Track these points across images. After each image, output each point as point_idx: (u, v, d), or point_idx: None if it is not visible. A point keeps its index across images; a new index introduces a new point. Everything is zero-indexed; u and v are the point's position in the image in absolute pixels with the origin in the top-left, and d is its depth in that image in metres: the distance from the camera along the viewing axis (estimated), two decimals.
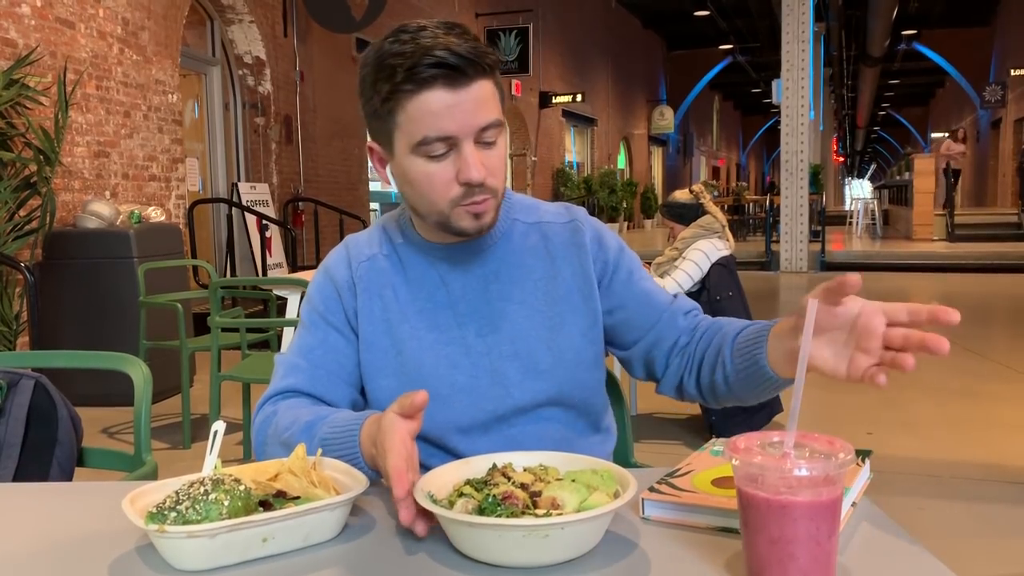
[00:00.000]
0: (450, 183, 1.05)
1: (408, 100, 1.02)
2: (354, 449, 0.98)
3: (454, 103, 1.01)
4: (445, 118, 1.01)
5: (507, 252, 1.16)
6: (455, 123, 1.02)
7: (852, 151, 42.70)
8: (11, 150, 4.45)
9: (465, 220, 1.07)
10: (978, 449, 3.51)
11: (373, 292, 1.15)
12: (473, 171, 1.03)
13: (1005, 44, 20.70)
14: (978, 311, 7.99)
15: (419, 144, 1.03)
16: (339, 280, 1.17)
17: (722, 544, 0.80)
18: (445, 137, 1.02)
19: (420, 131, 1.02)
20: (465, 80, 1.01)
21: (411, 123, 1.03)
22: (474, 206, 1.06)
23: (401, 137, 1.05)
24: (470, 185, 1.04)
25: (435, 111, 1.01)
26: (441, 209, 1.07)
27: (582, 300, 1.16)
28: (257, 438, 1.12)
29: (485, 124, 1.04)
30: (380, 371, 1.14)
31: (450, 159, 1.04)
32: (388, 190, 13.00)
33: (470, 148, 1.03)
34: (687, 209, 3.75)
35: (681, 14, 20.77)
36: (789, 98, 11.00)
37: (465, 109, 1.02)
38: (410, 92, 1.01)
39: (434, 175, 1.05)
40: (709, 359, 1.14)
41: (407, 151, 1.05)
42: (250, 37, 7.80)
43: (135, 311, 4.15)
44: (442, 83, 1.01)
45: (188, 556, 0.77)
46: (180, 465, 3.47)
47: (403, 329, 1.14)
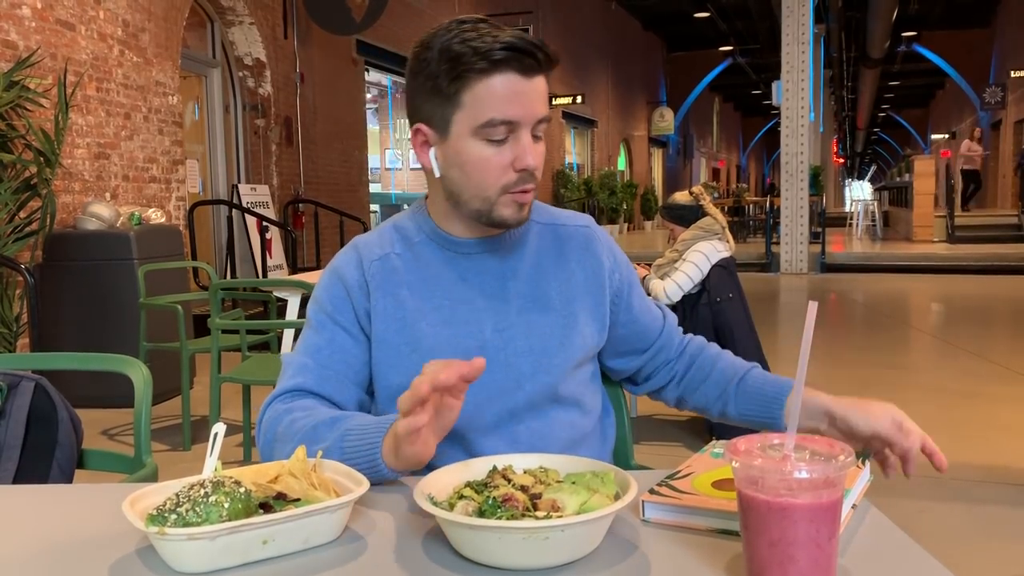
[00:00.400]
0: (505, 169, 1.08)
1: (478, 80, 1.05)
2: (376, 440, 0.97)
3: (522, 90, 1.06)
4: (513, 103, 1.06)
5: (524, 251, 1.19)
6: (521, 109, 1.06)
7: (852, 153, 42.71)
8: (11, 152, 4.45)
9: (509, 209, 1.10)
10: (978, 451, 3.50)
11: (387, 291, 1.16)
12: (530, 158, 1.07)
13: (1005, 45, 20.70)
14: (978, 313, 8.00)
15: (483, 126, 1.06)
16: (350, 281, 1.17)
17: (722, 546, 0.80)
18: (509, 122, 1.06)
19: (486, 112, 1.05)
20: (535, 69, 1.07)
21: (478, 104, 1.06)
22: (521, 195, 1.10)
23: (463, 118, 1.07)
24: (526, 171, 1.08)
25: (504, 94, 1.05)
26: (488, 195, 1.09)
27: (593, 304, 1.20)
28: (265, 436, 1.11)
29: (542, 117, 1.09)
30: (392, 369, 1.14)
31: (508, 145, 1.08)
32: (388, 192, 13.01)
33: (528, 136, 1.08)
34: (687, 211, 3.75)
35: (681, 16, 20.78)
36: (789, 100, 11.01)
37: (531, 98, 1.07)
38: (482, 72, 1.04)
39: (491, 159, 1.08)
40: (704, 385, 1.26)
41: (467, 133, 1.08)
42: (250, 39, 7.81)
43: (135, 313, 4.15)
44: (515, 67, 1.05)
45: (188, 558, 0.77)
46: (180, 467, 3.47)
47: (420, 327, 1.14)
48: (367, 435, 1.00)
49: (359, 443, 0.99)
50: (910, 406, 0.95)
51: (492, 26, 1.07)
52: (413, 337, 1.14)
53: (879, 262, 11.75)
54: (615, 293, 1.23)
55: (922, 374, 5.30)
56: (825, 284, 10.24)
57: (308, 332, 1.19)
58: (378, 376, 1.16)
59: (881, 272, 11.18)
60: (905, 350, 6.21)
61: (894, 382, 4.88)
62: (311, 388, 1.14)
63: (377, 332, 1.15)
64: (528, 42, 1.05)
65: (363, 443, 0.99)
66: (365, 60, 9.92)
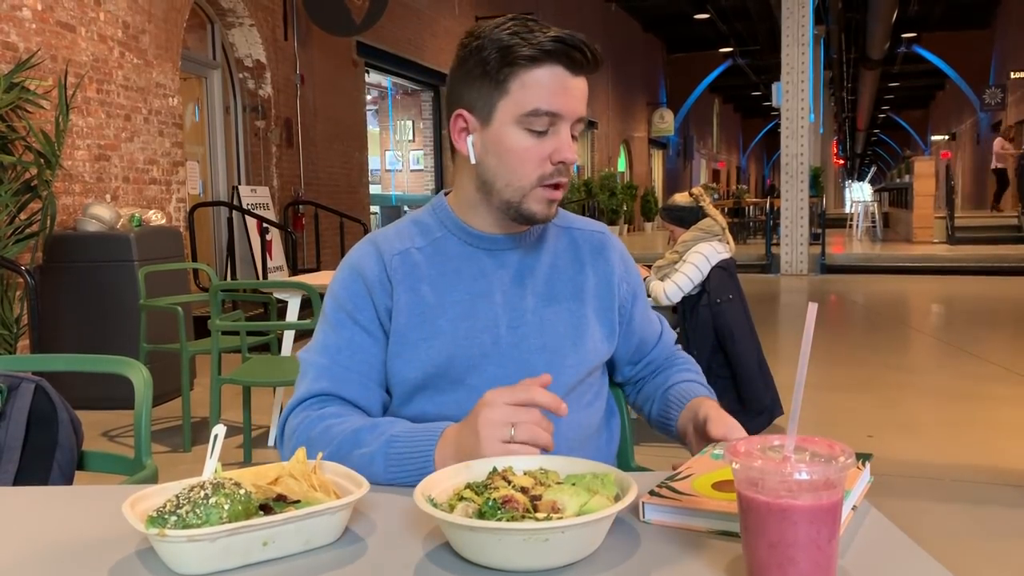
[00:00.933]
0: (543, 161, 1.10)
1: (527, 69, 1.08)
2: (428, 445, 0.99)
3: (570, 85, 1.09)
4: (559, 95, 1.09)
5: (541, 251, 1.21)
6: (566, 103, 1.09)
7: (852, 154, 42.72)
8: (12, 153, 4.45)
9: (539, 204, 1.12)
10: (979, 452, 3.50)
11: (408, 286, 1.15)
12: (568, 152, 1.10)
13: (1005, 47, 20.71)
14: (978, 314, 8.00)
15: (527, 114, 1.09)
16: (370, 277, 1.16)
17: (723, 548, 0.80)
18: (553, 113, 1.09)
19: (532, 102, 1.08)
20: (582, 67, 1.10)
21: (524, 92, 1.08)
22: (553, 191, 1.11)
23: (508, 106, 1.09)
24: (563, 165, 1.10)
25: (550, 86, 1.08)
26: (523, 185, 1.11)
27: (604, 308, 1.22)
28: (294, 441, 1.09)
29: (582, 116, 1.12)
30: (407, 363, 1.14)
31: (548, 138, 1.10)
32: (388, 193, 13.00)
33: (567, 131, 1.11)
34: (687, 212, 3.75)
35: (681, 17, 20.79)
36: (789, 101, 11.01)
37: (575, 94, 1.10)
38: (532, 61, 1.08)
39: (530, 149, 1.10)
40: (650, 389, 1.31)
41: (511, 120, 1.10)
42: (250, 40, 7.81)
43: (135, 314, 4.15)
44: (564, 62, 1.08)
45: (189, 560, 0.77)
46: (180, 468, 3.47)
47: (439, 323, 1.14)
48: (416, 441, 1.00)
49: (407, 448, 1.00)
50: (911, 407, 0.95)
51: (543, 24, 1.11)
52: (430, 332, 1.14)
53: (879, 263, 11.76)
54: (621, 302, 1.25)
55: (922, 375, 5.30)
56: (825, 285, 10.24)
57: (325, 329, 1.17)
58: (392, 371, 1.16)
59: (881, 273, 11.18)
60: (905, 351, 6.21)
61: (894, 383, 4.88)
62: (335, 392, 1.13)
63: (397, 326, 1.15)
64: (578, 39, 1.08)
65: (412, 448, 1.00)
66: (365, 62, 9.92)
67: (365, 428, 1.05)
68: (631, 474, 0.87)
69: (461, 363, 1.13)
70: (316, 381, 1.13)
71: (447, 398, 1.14)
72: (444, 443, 0.99)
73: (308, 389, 1.13)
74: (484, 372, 1.14)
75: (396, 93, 12.96)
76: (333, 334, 1.16)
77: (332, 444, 1.04)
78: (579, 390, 1.18)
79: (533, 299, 1.17)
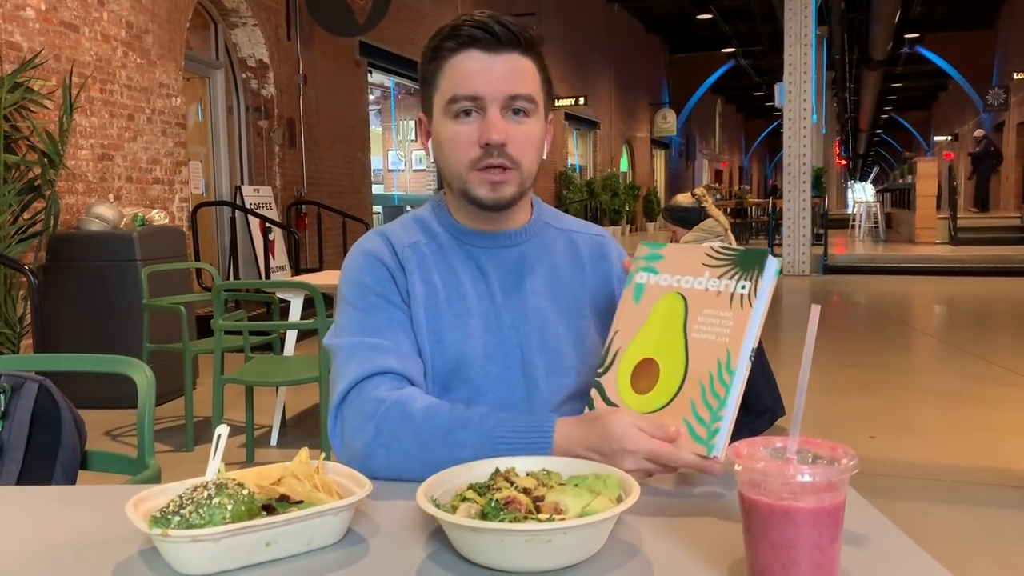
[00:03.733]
0: (471, 144, 1.10)
1: (447, 59, 1.11)
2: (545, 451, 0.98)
3: (487, 66, 1.09)
4: (476, 79, 1.09)
5: (540, 251, 1.21)
6: (484, 84, 1.08)
7: (855, 154, 42.67)
8: (15, 153, 4.46)
9: (482, 188, 1.11)
10: (982, 453, 3.50)
11: (422, 277, 1.15)
12: (493, 132, 1.08)
13: (1008, 47, 20.68)
14: (981, 315, 7.98)
15: (450, 102, 1.10)
16: (389, 263, 1.16)
17: (725, 549, 0.80)
18: (473, 97, 1.09)
19: (452, 89, 1.10)
20: (499, 48, 1.09)
21: (447, 82, 1.11)
22: (490, 173, 1.10)
23: (438, 98, 1.12)
24: (489, 146, 1.08)
25: (468, 71, 1.09)
26: (460, 172, 1.12)
27: (604, 310, 1.21)
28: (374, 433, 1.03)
29: (515, 93, 1.09)
30: (422, 355, 1.14)
31: (476, 123, 1.10)
32: (391, 193, 13.01)
33: (495, 112, 1.09)
34: (689, 213, 3.76)
35: (683, 18, 20.79)
36: (791, 101, 11.00)
37: (496, 74, 1.09)
38: (450, 51, 1.10)
39: (459, 135, 1.10)
40: None
41: (441, 112, 1.12)
42: (253, 40, 7.82)
43: (138, 314, 4.15)
44: (479, 46, 1.09)
45: (192, 560, 0.77)
46: (183, 468, 3.48)
47: (446, 317, 1.14)
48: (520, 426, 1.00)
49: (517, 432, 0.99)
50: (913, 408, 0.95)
51: (484, 13, 1.11)
52: (440, 326, 1.14)
53: (881, 264, 11.75)
54: None
55: (924, 376, 5.29)
56: (827, 286, 10.23)
57: (357, 316, 1.13)
58: None
59: (883, 274, 11.17)
60: (907, 352, 6.21)
61: (896, 384, 4.87)
62: (396, 369, 1.08)
63: (415, 317, 1.14)
64: (495, 20, 1.08)
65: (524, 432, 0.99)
66: (368, 62, 9.92)
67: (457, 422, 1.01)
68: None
69: (467, 360, 1.14)
70: (371, 359, 1.08)
71: (456, 396, 1.13)
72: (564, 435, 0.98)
73: (364, 368, 1.07)
74: (488, 372, 1.14)
75: (399, 93, 12.96)
76: (369, 317, 1.12)
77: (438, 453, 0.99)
78: (580, 391, 1.18)
79: (534, 299, 1.17)
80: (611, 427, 0.95)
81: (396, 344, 1.10)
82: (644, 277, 1.04)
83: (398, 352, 1.10)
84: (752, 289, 0.96)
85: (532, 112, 1.11)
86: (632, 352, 1.01)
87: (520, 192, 1.14)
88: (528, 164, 1.12)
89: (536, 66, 1.13)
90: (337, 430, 1.08)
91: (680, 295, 1.00)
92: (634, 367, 1.01)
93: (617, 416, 0.96)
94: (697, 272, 1.00)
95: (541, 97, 1.13)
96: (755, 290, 0.95)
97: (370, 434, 1.03)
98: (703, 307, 0.98)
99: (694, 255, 1.01)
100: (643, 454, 0.94)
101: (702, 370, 0.96)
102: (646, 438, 0.94)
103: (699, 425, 0.94)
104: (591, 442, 0.96)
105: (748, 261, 0.97)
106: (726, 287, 0.97)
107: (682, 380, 0.97)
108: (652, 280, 1.03)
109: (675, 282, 1.01)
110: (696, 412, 0.95)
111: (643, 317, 1.02)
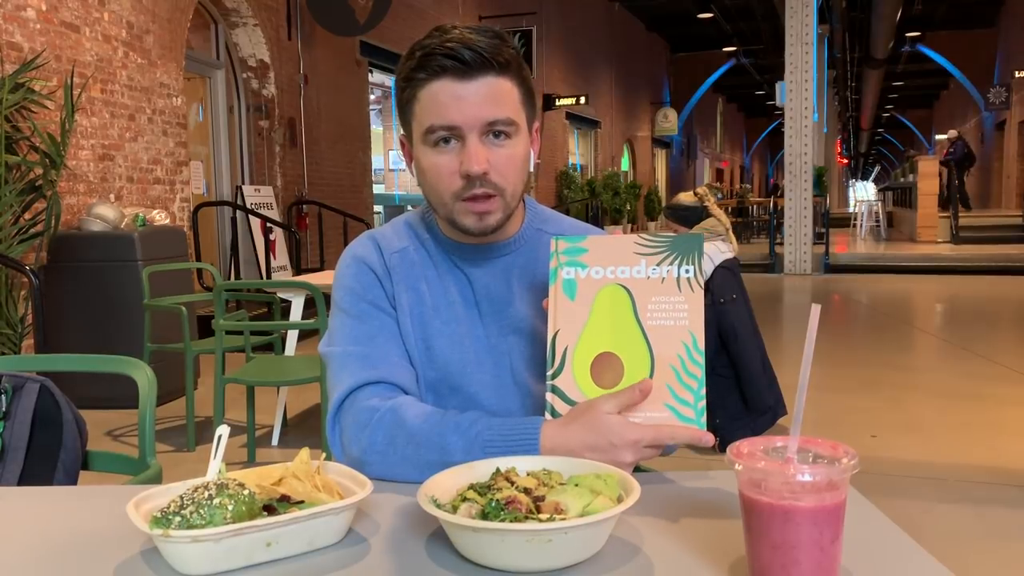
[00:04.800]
0: (453, 175, 1.07)
1: (421, 89, 1.07)
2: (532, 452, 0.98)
3: (459, 94, 1.05)
4: (451, 108, 1.05)
5: (530, 259, 1.18)
6: (460, 114, 1.05)
7: (856, 153, 42.64)
8: (16, 153, 4.46)
9: (468, 218, 1.10)
10: (983, 452, 3.50)
11: (408, 284, 1.16)
12: (473, 163, 1.05)
13: (1009, 46, 20.65)
14: (983, 314, 7.98)
15: (426, 132, 1.07)
16: (377, 268, 1.17)
17: (726, 549, 0.80)
18: (449, 127, 1.06)
19: (428, 119, 1.07)
20: (472, 73, 1.05)
21: (423, 112, 1.07)
22: (475, 203, 1.08)
23: (416, 128, 1.10)
24: (470, 177, 1.06)
25: (442, 101, 1.05)
26: (446, 202, 1.10)
27: None
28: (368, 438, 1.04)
29: (492, 119, 1.06)
30: (412, 362, 1.14)
31: (456, 151, 1.07)
32: (392, 192, 13.01)
33: (474, 141, 1.06)
34: (690, 212, 3.75)
35: (685, 16, 20.77)
36: (793, 100, 11.00)
37: (471, 102, 1.05)
38: (423, 81, 1.06)
39: (440, 166, 1.08)
40: None
41: (420, 141, 1.09)
42: (254, 40, 7.82)
43: (139, 314, 4.16)
44: (451, 75, 1.05)
45: (193, 560, 0.77)
46: (184, 467, 3.48)
47: (434, 324, 1.15)
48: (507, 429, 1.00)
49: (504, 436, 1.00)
50: (914, 407, 0.95)
51: (457, 32, 1.06)
52: (428, 333, 1.15)
53: (883, 263, 11.74)
54: None
55: (926, 375, 5.29)
56: (829, 285, 10.23)
57: (349, 323, 1.14)
58: None
59: (885, 273, 11.16)
60: (909, 351, 6.20)
61: (898, 383, 4.87)
62: (385, 379, 1.09)
63: (402, 325, 1.15)
64: (469, 49, 1.04)
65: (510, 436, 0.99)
66: (369, 61, 9.92)
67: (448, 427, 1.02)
68: (634, 475, 0.87)
69: (457, 368, 1.14)
70: (363, 369, 1.10)
71: (450, 403, 1.14)
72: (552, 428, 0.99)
73: (357, 378, 1.09)
74: (477, 379, 1.14)
75: None
76: (361, 325, 1.14)
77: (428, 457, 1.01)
78: None
79: (522, 307, 1.16)
80: (601, 422, 0.95)
81: (386, 352, 1.12)
82: (571, 272, 1.02)
83: (388, 360, 1.11)
84: (696, 272, 0.98)
85: (513, 133, 1.08)
86: (584, 349, 1.00)
87: (506, 216, 1.12)
88: (512, 187, 1.10)
89: (514, 83, 1.08)
90: (336, 439, 1.10)
91: (621, 286, 1.00)
92: (591, 363, 1.00)
93: (599, 410, 0.96)
94: (632, 262, 1.00)
95: (522, 114, 1.10)
96: (700, 272, 0.98)
97: (366, 442, 1.05)
98: (651, 295, 0.99)
99: (621, 246, 1.01)
100: (645, 442, 0.95)
101: (670, 354, 0.97)
102: (639, 426, 0.95)
103: (684, 407, 0.97)
104: (587, 441, 0.96)
105: (683, 246, 0.99)
106: (669, 272, 0.99)
107: (651, 368, 0.98)
108: (582, 274, 1.02)
109: (609, 274, 1.01)
110: (677, 395, 0.97)
111: (585, 313, 1.01)
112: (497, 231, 1.13)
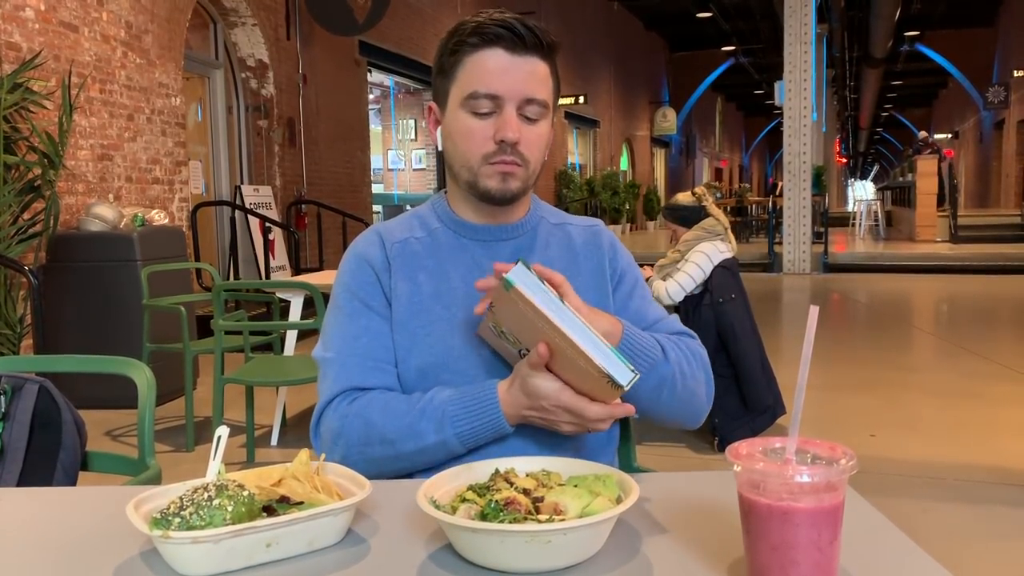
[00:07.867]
0: (487, 140, 1.13)
1: (469, 55, 1.13)
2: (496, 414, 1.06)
3: (509, 66, 1.12)
4: (497, 77, 1.12)
5: (535, 244, 1.24)
6: (504, 85, 1.11)
7: (855, 152, 42.66)
8: (15, 153, 4.46)
9: (492, 180, 1.15)
10: (982, 451, 3.50)
11: (406, 274, 1.19)
12: (509, 131, 1.12)
13: (1008, 45, 20.67)
14: (982, 313, 7.99)
15: (468, 97, 1.13)
16: (375, 261, 1.20)
17: (725, 549, 0.80)
18: (492, 95, 1.12)
19: (472, 84, 1.13)
20: (523, 49, 1.12)
21: (467, 76, 1.13)
22: (502, 165, 1.14)
23: (456, 91, 1.15)
24: (504, 143, 1.12)
25: (490, 68, 1.12)
26: (472, 165, 1.15)
27: (599, 299, 1.22)
28: (345, 441, 1.10)
29: (531, 97, 1.13)
30: (409, 352, 1.16)
31: (492, 119, 1.13)
32: (391, 192, 13.01)
33: (512, 111, 1.13)
34: (689, 211, 3.75)
35: (683, 16, 20.77)
36: (792, 99, 11.00)
37: (517, 76, 1.12)
38: (473, 47, 1.13)
39: (475, 130, 1.13)
40: None
41: (457, 105, 1.14)
42: (253, 40, 7.82)
43: (138, 314, 4.15)
44: (503, 45, 1.12)
45: (192, 561, 0.77)
46: (183, 467, 3.48)
47: (434, 310, 1.17)
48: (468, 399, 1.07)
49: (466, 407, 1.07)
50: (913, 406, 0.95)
51: (504, 12, 1.13)
52: (428, 320, 1.16)
53: (882, 262, 11.74)
54: (614, 284, 1.26)
55: (925, 374, 5.29)
56: (828, 284, 10.23)
57: (340, 320, 1.19)
58: (399, 360, 1.17)
59: (884, 272, 11.17)
60: (908, 350, 6.21)
61: (897, 382, 4.87)
62: (360, 385, 1.14)
63: (396, 314, 1.17)
64: (519, 22, 1.11)
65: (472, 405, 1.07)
66: (367, 61, 9.92)
67: (415, 414, 1.08)
68: (633, 475, 0.88)
69: (458, 353, 1.15)
70: (337, 381, 1.15)
71: (445, 384, 1.14)
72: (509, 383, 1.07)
73: (333, 390, 1.14)
74: (483, 363, 1.15)
75: (398, 92, 12.96)
76: (349, 324, 1.18)
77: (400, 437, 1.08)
78: None
79: None
80: (530, 384, 1.03)
81: (365, 357, 1.16)
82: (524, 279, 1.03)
83: (364, 366, 1.15)
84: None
85: (543, 116, 1.16)
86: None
87: (524, 188, 1.18)
88: (535, 163, 1.18)
89: (551, 70, 1.17)
90: (318, 448, 1.14)
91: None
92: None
93: (518, 373, 1.04)
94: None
95: (551, 101, 1.17)
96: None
97: (342, 448, 1.11)
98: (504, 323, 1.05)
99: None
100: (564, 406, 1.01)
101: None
102: (568, 393, 1.02)
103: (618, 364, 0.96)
104: (526, 403, 1.04)
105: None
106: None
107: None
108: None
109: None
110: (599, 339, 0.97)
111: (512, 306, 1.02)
112: (513, 201, 1.18)
